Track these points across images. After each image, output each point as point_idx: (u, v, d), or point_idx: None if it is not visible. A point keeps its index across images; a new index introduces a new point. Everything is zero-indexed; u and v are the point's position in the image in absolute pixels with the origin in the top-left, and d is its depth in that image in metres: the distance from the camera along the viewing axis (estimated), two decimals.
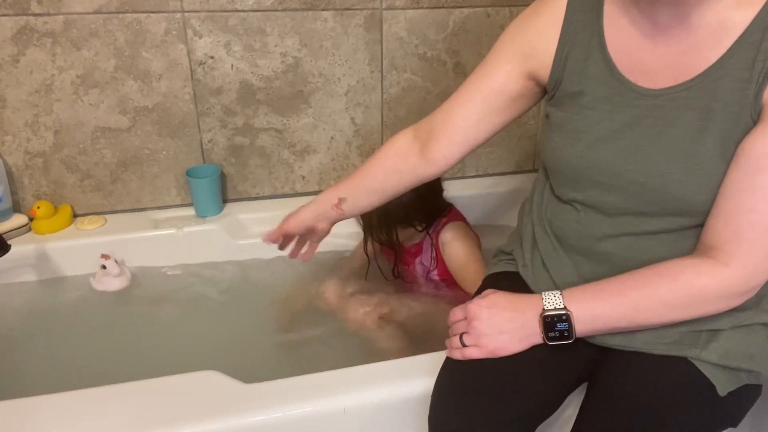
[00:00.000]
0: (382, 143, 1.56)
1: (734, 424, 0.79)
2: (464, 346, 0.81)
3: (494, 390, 0.78)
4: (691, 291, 0.73)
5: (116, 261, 1.33)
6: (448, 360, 0.85)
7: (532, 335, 0.78)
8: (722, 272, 0.71)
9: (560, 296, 0.77)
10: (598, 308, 0.76)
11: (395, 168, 0.95)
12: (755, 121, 0.69)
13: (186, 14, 1.32)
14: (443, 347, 0.89)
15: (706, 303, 0.73)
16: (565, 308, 0.76)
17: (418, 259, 1.34)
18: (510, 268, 0.97)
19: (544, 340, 0.77)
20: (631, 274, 0.76)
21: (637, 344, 0.79)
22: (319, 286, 1.34)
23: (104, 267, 1.31)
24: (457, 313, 0.84)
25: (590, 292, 0.77)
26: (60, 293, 1.34)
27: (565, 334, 0.76)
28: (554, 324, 0.76)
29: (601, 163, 0.77)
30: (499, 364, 0.80)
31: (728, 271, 0.71)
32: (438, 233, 1.29)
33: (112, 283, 1.33)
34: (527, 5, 0.87)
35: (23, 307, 1.31)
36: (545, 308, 0.77)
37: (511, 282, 0.94)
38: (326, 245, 1.43)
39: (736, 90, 0.69)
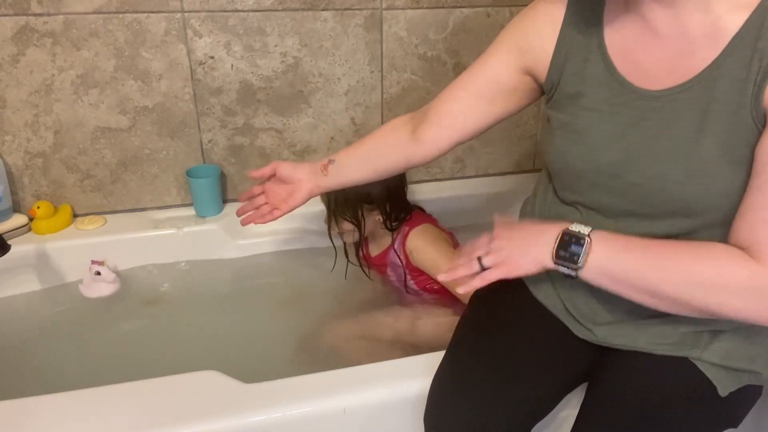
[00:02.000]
0: None
1: (735, 425, 0.79)
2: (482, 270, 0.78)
3: (490, 390, 0.78)
4: (720, 276, 0.68)
5: (108, 267, 1.32)
6: (445, 360, 0.85)
7: (545, 255, 0.75)
8: (754, 266, 0.67)
9: (588, 228, 0.74)
10: (617, 253, 0.72)
11: (387, 142, 0.98)
12: (756, 122, 0.69)
13: (186, 14, 1.32)
14: (439, 349, 0.89)
15: (731, 294, 0.68)
16: (588, 235, 0.73)
17: (389, 270, 1.34)
18: None
19: (552, 257, 0.74)
20: (662, 241, 0.73)
21: (639, 344, 0.79)
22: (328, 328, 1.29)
23: (99, 273, 1.30)
24: (482, 238, 0.81)
25: (617, 237, 0.74)
26: (60, 294, 1.33)
27: (575, 258, 0.72)
28: (569, 244, 0.73)
29: (602, 166, 0.77)
30: (497, 363, 0.80)
31: (760, 267, 0.67)
32: (404, 244, 1.28)
33: (105, 288, 1.32)
34: (527, 5, 0.87)
35: (23, 307, 1.31)
36: (569, 227, 0.74)
37: (510, 283, 0.94)
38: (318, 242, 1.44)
39: (734, 90, 0.69)
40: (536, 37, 0.83)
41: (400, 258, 1.29)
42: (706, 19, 0.69)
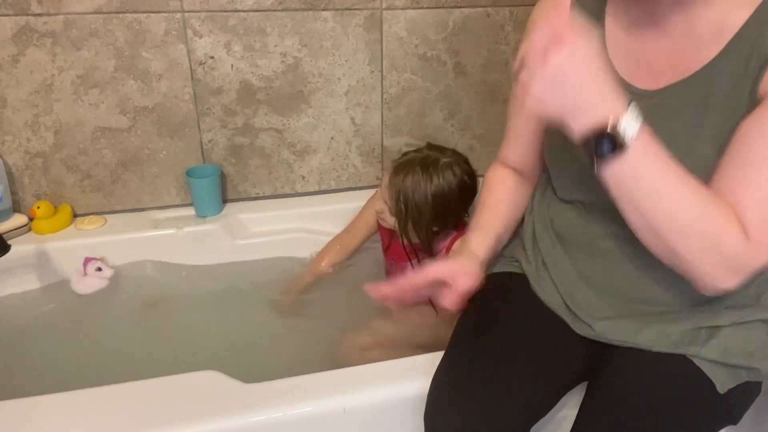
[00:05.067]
0: (382, 143, 1.57)
1: (734, 422, 0.79)
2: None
3: (490, 389, 0.78)
4: (717, 236, 0.65)
5: (106, 263, 1.34)
6: (444, 359, 0.86)
7: (605, 114, 0.62)
8: (746, 242, 0.64)
9: (637, 123, 0.62)
10: (658, 154, 0.64)
11: (519, 204, 0.98)
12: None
13: (186, 14, 1.32)
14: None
15: (713, 256, 0.65)
16: (624, 143, 0.62)
17: (417, 260, 1.31)
18: (510, 269, 0.97)
19: (610, 125, 0.62)
20: (689, 176, 0.65)
21: (638, 341, 0.79)
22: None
23: (100, 269, 1.31)
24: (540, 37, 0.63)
25: (663, 152, 0.65)
26: (59, 294, 1.33)
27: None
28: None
29: None
30: (496, 363, 0.80)
31: (748, 245, 0.65)
32: (451, 245, 1.25)
33: (99, 283, 1.32)
34: (527, 5, 0.88)
35: (23, 307, 1.31)
36: (610, 122, 0.62)
37: (511, 282, 0.94)
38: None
39: (731, 86, 0.69)
40: None
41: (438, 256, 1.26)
42: (713, 16, 0.70)
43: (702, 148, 0.71)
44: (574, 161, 0.81)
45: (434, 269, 0.85)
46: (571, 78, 0.61)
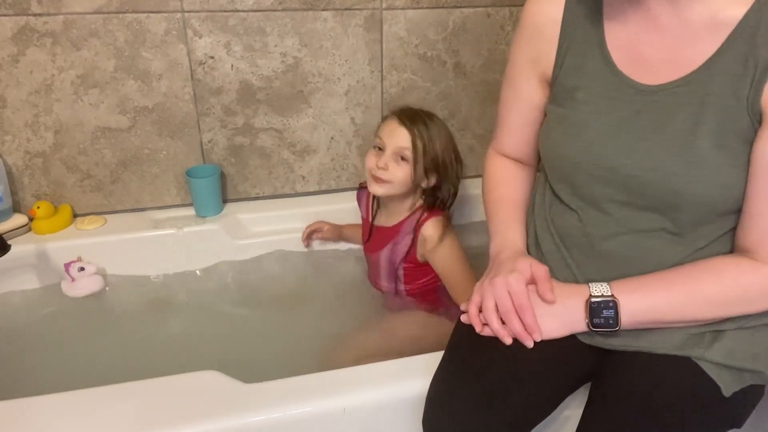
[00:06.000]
0: None
1: (739, 425, 0.79)
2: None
3: (489, 392, 0.78)
4: (736, 288, 0.74)
5: (84, 260, 1.32)
6: (443, 361, 0.85)
7: (577, 321, 0.78)
8: (764, 269, 0.72)
9: (607, 286, 0.77)
10: (644, 300, 0.76)
11: (529, 191, 1.00)
12: (753, 119, 0.69)
13: (186, 14, 1.32)
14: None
15: (753, 301, 0.74)
16: (612, 296, 0.76)
17: (388, 246, 1.26)
18: None
19: (588, 326, 0.77)
20: (675, 269, 0.77)
21: (641, 344, 0.79)
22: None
23: (82, 269, 1.30)
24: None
25: (636, 284, 0.77)
26: (59, 294, 1.33)
27: (611, 321, 0.76)
28: (600, 310, 0.77)
29: (599, 158, 0.78)
30: (496, 365, 0.80)
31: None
32: (417, 229, 1.21)
33: (93, 283, 1.31)
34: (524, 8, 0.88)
35: (23, 307, 1.30)
36: (592, 294, 0.77)
37: None
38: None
39: (730, 83, 0.70)
40: (542, 41, 0.84)
41: (412, 238, 1.22)
42: (706, 11, 0.70)
43: (699, 145, 0.71)
44: (572, 161, 0.81)
45: (520, 277, 0.80)
46: (544, 307, 0.79)
